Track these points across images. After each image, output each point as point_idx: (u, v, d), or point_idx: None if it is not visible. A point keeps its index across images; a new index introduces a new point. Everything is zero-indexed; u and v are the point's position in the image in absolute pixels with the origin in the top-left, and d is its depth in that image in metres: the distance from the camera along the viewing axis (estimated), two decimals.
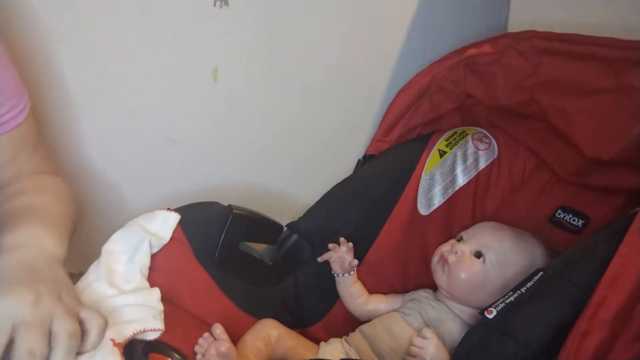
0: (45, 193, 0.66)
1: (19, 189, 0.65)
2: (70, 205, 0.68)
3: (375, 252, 0.83)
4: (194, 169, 0.94)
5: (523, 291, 0.62)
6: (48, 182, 0.69)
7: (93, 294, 0.61)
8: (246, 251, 0.78)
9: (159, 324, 0.59)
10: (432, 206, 0.84)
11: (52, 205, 0.64)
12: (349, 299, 0.81)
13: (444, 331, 0.71)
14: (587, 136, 0.70)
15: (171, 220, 0.70)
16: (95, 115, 0.85)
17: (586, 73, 0.68)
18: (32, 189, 0.66)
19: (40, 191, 0.66)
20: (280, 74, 0.92)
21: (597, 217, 0.76)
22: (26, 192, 0.65)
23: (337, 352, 0.73)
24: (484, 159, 0.85)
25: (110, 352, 0.52)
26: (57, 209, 0.64)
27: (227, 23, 0.84)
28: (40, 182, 0.68)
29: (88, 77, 0.82)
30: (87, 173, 0.88)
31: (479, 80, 0.79)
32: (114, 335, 0.55)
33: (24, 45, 0.76)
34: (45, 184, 0.69)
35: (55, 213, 0.63)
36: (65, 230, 0.63)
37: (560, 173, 0.80)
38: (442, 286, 0.74)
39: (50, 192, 0.67)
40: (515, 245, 0.73)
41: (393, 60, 0.96)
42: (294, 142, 0.99)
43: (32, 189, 0.66)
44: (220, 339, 0.65)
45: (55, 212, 0.64)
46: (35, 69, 0.77)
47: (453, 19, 0.96)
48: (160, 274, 0.68)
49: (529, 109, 0.76)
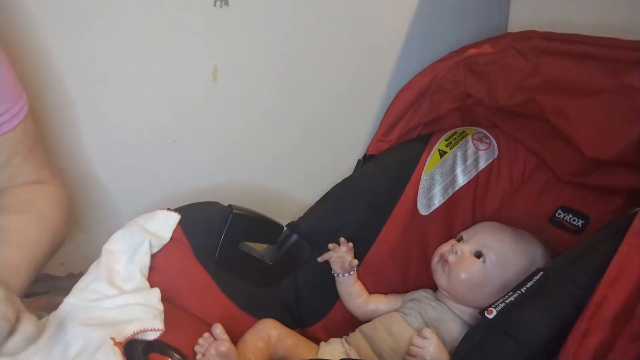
0: (27, 213, 0.65)
1: (2, 205, 0.64)
2: (53, 228, 0.67)
3: (375, 252, 0.83)
4: (194, 169, 0.94)
5: (523, 291, 0.62)
6: (37, 198, 0.67)
7: (93, 293, 0.61)
8: (246, 251, 0.78)
9: (159, 323, 0.60)
10: (432, 206, 0.84)
11: (27, 230, 0.63)
12: (348, 299, 0.81)
13: (444, 331, 0.71)
14: (587, 136, 0.70)
15: (171, 220, 0.70)
16: (94, 115, 0.85)
17: (586, 73, 0.68)
18: (17, 208, 0.64)
19: (25, 211, 0.65)
20: (280, 74, 0.92)
21: (597, 217, 0.76)
22: (8, 210, 0.63)
23: (337, 352, 0.73)
24: (484, 159, 0.85)
25: (111, 352, 0.53)
26: (31, 234, 0.63)
27: (227, 23, 0.84)
28: (28, 197, 0.67)
29: (87, 77, 0.82)
30: (87, 173, 0.88)
31: (479, 80, 0.79)
32: (114, 334, 0.55)
33: (22, 46, 0.76)
34: (32, 200, 0.67)
35: (28, 239, 0.62)
36: (30, 261, 0.61)
37: (560, 173, 0.80)
38: (442, 286, 0.74)
39: (35, 213, 0.65)
40: (515, 245, 0.73)
41: (393, 60, 0.96)
42: (294, 142, 0.99)
43: (17, 208, 0.64)
44: (220, 339, 0.65)
45: (29, 237, 0.62)
46: (33, 69, 0.77)
47: (453, 19, 0.96)
48: (161, 274, 0.68)
49: (529, 109, 0.76)
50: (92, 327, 0.56)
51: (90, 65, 0.81)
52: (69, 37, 0.78)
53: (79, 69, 0.81)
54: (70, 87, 0.81)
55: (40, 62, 0.78)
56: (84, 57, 0.80)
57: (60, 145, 0.84)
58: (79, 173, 0.87)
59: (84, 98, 0.83)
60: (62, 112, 0.82)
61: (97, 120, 0.85)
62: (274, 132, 0.97)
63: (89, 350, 0.53)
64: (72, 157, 0.86)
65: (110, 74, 0.82)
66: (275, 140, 0.97)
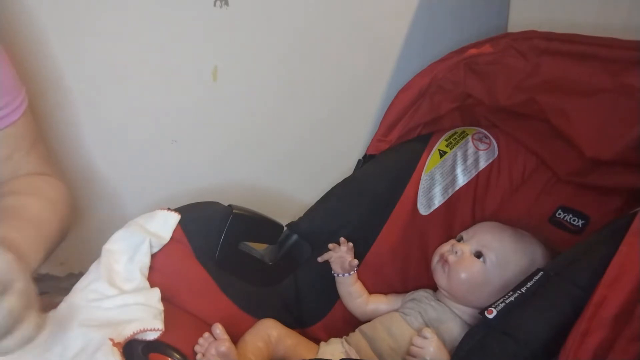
0: (38, 197, 0.65)
1: (12, 188, 0.64)
2: (62, 213, 0.67)
3: (375, 252, 0.83)
4: (194, 169, 0.94)
5: (523, 291, 0.62)
6: (43, 185, 0.68)
7: (93, 293, 0.61)
8: (246, 251, 0.78)
9: (159, 323, 0.60)
10: (432, 206, 0.84)
11: (41, 213, 0.63)
12: (349, 299, 0.81)
13: (444, 331, 0.71)
14: (587, 136, 0.70)
15: (171, 220, 0.71)
16: (95, 115, 0.85)
17: (586, 73, 0.68)
18: (26, 190, 0.65)
19: (34, 194, 0.65)
20: (280, 73, 0.92)
21: (597, 217, 0.76)
22: (19, 192, 0.63)
23: (337, 352, 0.73)
24: (484, 159, 0.85)
25: (110, 352, 0.53)
26: (45, 217, 0.63)
27: (227, 23, 0.84)
28: (36, 184, 0.67)
29: (88, 77, 0.82)
30: (87, 173, 0.88)
31: (479, 80, 0.79)
32: (113, 335, 0.55)
33: (24, 44, 0.76)
34: (40, 187, 0.67)
35: (42, 221, 0.62)
36: (44, 241, 0.61)
37: (560, 173, 0.80)
38: (442, 286, 0.74)
39: (44, 197, 0.65)
40: (515, 245, 0.73)
41: (393, 60, 0.96)
42: (294, 142, 0.99)
43: (26, 190, 0.65)
44: (220, 339, 0.65)
45: (44, 219, 0.62)
46: (35, 68, 0.77)
47: (453, 19, 0.96)
48: (161, 274, 0.68)
49: (529, 109, 0.76)
50: (92, 328, 0.56)
51: (91, 65, 0.81)
52: (70, 36, 0.78)
53: (79, 69, 0.81)
54: (71, 87, 0.81)
55: (41, 61, 0.78)
56: (84, 57, 0.80)
57: (60, 144, 0.84)
58: (78, 172, 0.87)
59: (84, 97, 0.83)
60: (62, 111, 0.83)
61: (97, 120, 0.85)
62: (274, 132, 0.97)
63: (88, 351, 0.53)
64: (71, 157, 0.86)
65: (110, 73, 0.82)
66: (275, 140, 0.97)
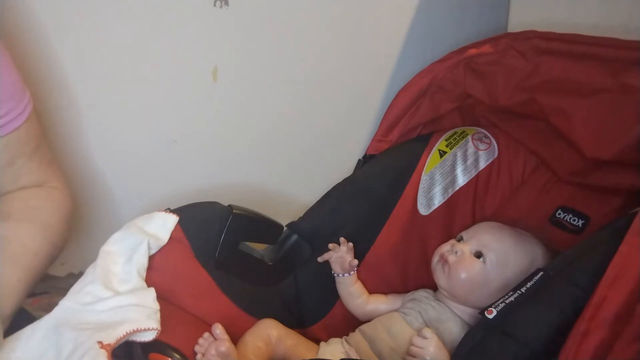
0: (32, 222, 0.64)
1: (8, 209, 0.63)
2: (54, 238, 0.66)
3: (375, 252, 0.83)
4: (194, 169, 0.94)
5: (523, 291, 0.62)
6: (41, 205, 0.67)
7: (87, 296, 0.61)
8: (246, 251, 0.78)
9: (154, 323, 0.59)
10: (432, 206, 0.84)
11: (30, 242, 0.63)
12: (349, 299, 0.81)
13: (444, 331, 0.71)
14: (587, 136, 0.70)
15: (170, 222, 0.70)
16: (95, 115, 0.85)
17: (586, 73, 0.68)
18: (21, 215, 0.64)
19: (28, 219, 0.64)
20: (280, 74, 0.92)
21: (597, 217, 0.76)
22: (12, 218, 0.63)
23: (337, 352, 0.73)
24: (484, 159, 0.85)
25: (96, 354, 0.52)
26: (33, 247, 0.63)
27: (227, 23, 0.84)
28: (32, 204, 0.66)
29: (88, 77, 0.82)
30: (87, 173, 0.88)
31: (479, 80, 0.79)
32: (101, 337, 0.55)
33: (25, 45, 0.76)
34: (36, 208, 0.66)
35: (30, 253, 0.62)
36: (30, 275, 0.61)
37: (560, 173, 0.80)
38: (442, 286, 0.74)
39: (38, 221, 0.65)
40: (515, 245, 0.73)
41: (393, 60, 0.96)
42: (294, 142, 0.99)
43: (21, 215, 0.64)
44: (220, 339, 0.65)
45: (31, 251, 0.62)
46: (35, 69, 0.77)
47: (453, 19, 0.96)
48: (160, 274, 0.68)
49: (529, 109, 0.76)
50: (83, 332, 0.56)
51: (91, 65, 0.81)
52: (70, 37, 0.78)
53: (79, 69, 0.81)
54: (71, 87, 0.81)
55: (42, 62, 0.78)
56: (84, 57, 0.80)
57: (60, 145, 0.84)
58: (78, 173, 0.87)
59: (85, 98, 0.83)
60: (62, 112, 0.83)
61: (98, 120, 0.85)
62: (273, 132, 0.97)
63: (76, 355, 0.53)
64: (72, 157, 0.86)
65: (110, 74, 0.83)
66: (275, 140, 0.97)
